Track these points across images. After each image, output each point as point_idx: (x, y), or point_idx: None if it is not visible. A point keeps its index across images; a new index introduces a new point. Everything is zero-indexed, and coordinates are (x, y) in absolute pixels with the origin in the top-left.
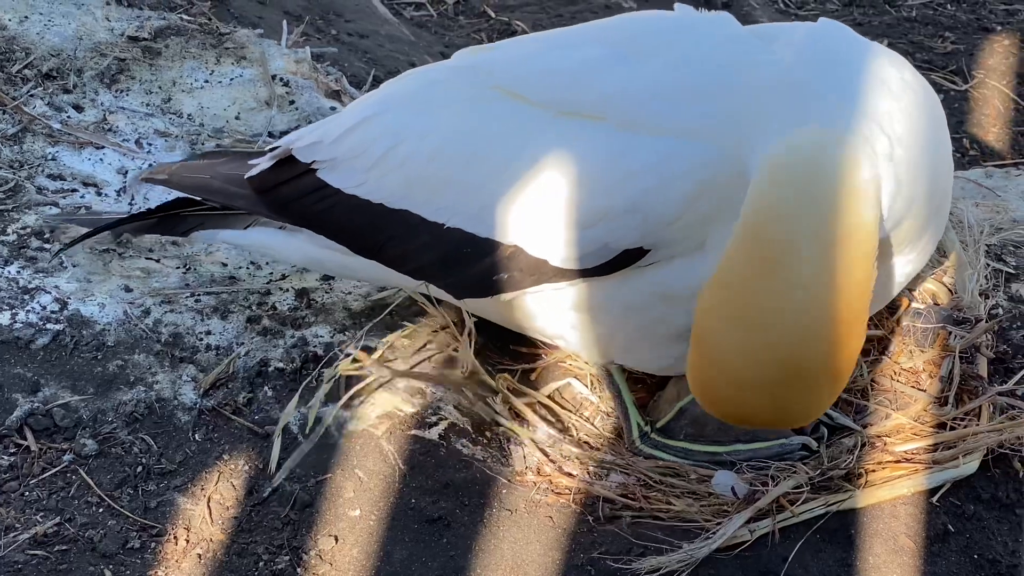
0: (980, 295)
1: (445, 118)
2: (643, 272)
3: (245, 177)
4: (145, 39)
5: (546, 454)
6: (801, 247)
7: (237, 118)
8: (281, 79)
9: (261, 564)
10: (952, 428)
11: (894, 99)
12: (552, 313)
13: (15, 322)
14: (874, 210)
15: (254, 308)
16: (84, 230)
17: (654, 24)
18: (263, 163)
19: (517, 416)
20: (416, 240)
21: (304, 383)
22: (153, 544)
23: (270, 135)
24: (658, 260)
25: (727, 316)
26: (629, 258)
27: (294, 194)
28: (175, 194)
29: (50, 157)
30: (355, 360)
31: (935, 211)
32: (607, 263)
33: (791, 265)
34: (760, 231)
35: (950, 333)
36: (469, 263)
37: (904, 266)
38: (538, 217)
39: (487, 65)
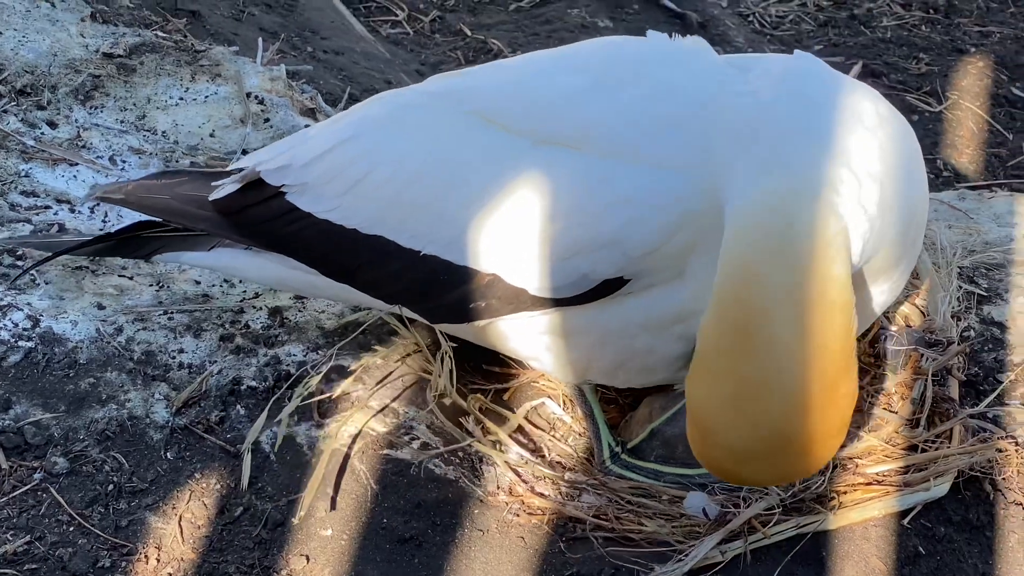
0: (952, 317)
1: (421, 144)
2: (622, 300)
3: (209, 199)
4: (120, 56)
5: (518, 474)
6: (775, 313)
7: (212, 136)
8: (256, 97)
9: None
10: (923, 450)
11: (869, 134)
12: (528, 336)
13: None
14: (845, 263)
15: (227, 326)
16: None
17: (631, 52)
18: (228, 185)
19: (490, 436)
20: (391, 266)
21: (275, 401)
22: (124, 563)
23: (244, 153)
24: (637, 289)
25: (713, 393)
26: (608, 288)
27: (263, 217)
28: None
29: (23, 174)
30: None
31: (910, 244)
32: (586, 292)
33: (768, 332)
34: (733, 301)
35: (922, 355)
36: (445, 290)
37: (877, 296)
38: (517, 246)
39: (463, 91)
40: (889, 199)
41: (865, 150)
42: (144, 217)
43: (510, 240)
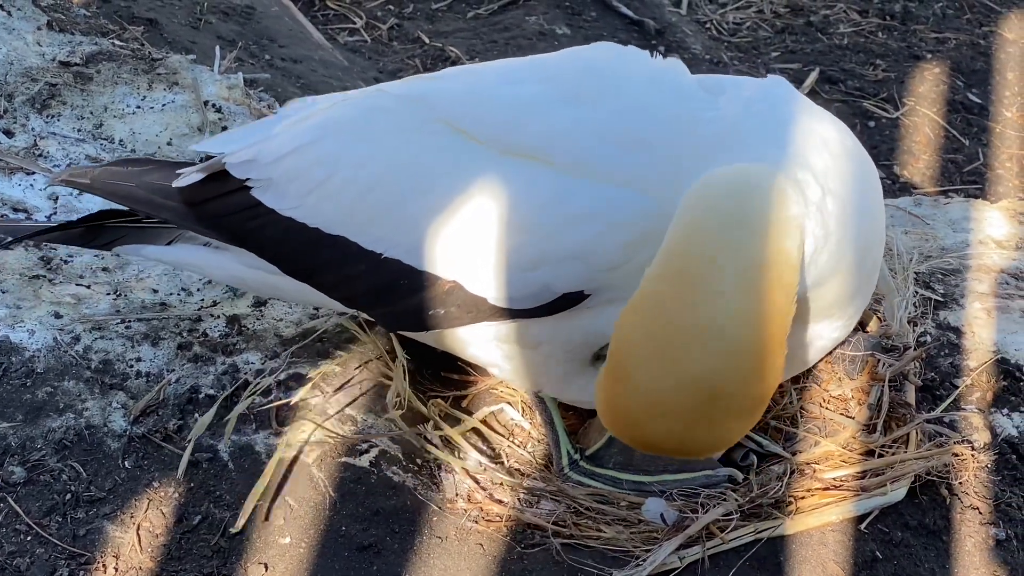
0: (909, 323)
1: (388, 147)
2: (581, 314)
3: (174, 186)
4: (77, 64)
5: (477, 481)
6: (724, 264)
7: (169, 144)
8: (213, 105)
9: None
10: (880, 455)
11: (832, 159)
12: (487, 343)
13: None
14: (797, 247)
15: (185, 335)
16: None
17: (605, 67)
18: (194, 174)
19: (448, 443)
20: (352, 268)
21: (232, 408)
22: (81, 573)
23: (202, 162)
24: (597, 304)
25: (645, 337)
26: (568, 301)
27: (226, 210)
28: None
29: None
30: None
31: (864, 278)
32: (546, 305)
33: (713, 281)
34: (683, 248)
35: (879, 361)
36: (405, 295)
37: (832, 332)
38: (479, 255)
39: (432, 96)
40: (848, 221)
41: (826, 169)
42: (108, 206)
43: (473, 248)
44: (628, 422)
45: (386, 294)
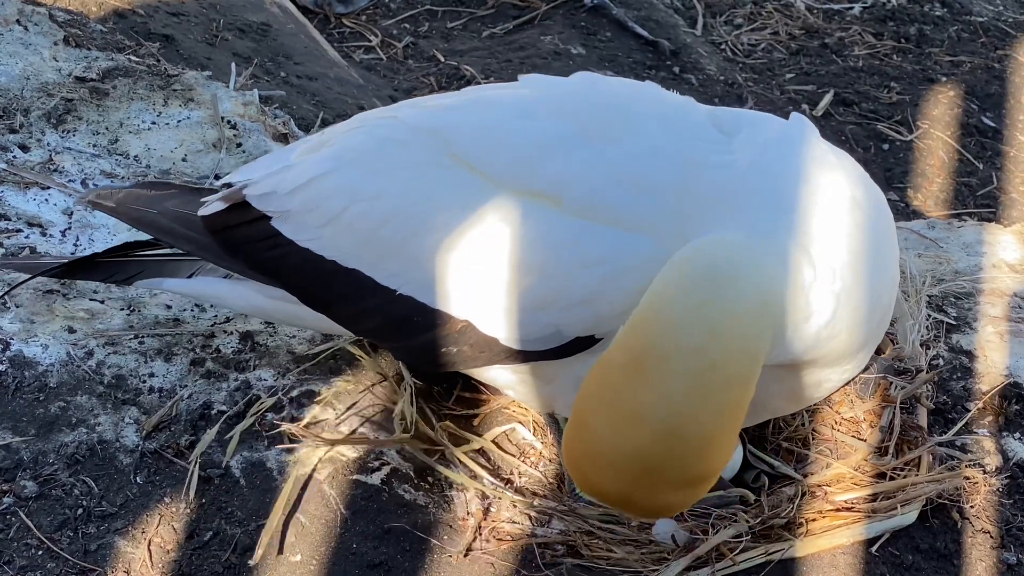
0: (921, 346)
1: (401, 182)
2: (594, 356)
3: (199, 214)
4: (93, 79)
5: (488, 500)
6: (675, 362)
7: (184, 160)
8: (229, 121)
9: None
10: (892, 478)
11: (837, 220)
12: (502, 371)
13: None
14: (764, 340)
15: (198, 351)
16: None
17: (621, 102)
18: (215, 202)
19: (459, 462)
20: (367, 302)
21: (242, 424)
22: None
23: (217, 178)
24: None
25: (599, 401)
26: (580, 344)
27: (247, 238)
28: (120, 238)
29: None
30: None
31: (875, 327)
32: (559, 348)
33: (660, 377)
34: (641, 331)
35: (891, 383)
36: (419, 332)
37: (840, 375)
38: (490, 295)
39: (445, 130)
40: (853, 288)
41: (829, 239)
42: (125, 237)
43: (483, 289)
44: (579, 466)
45: (400, 329)
